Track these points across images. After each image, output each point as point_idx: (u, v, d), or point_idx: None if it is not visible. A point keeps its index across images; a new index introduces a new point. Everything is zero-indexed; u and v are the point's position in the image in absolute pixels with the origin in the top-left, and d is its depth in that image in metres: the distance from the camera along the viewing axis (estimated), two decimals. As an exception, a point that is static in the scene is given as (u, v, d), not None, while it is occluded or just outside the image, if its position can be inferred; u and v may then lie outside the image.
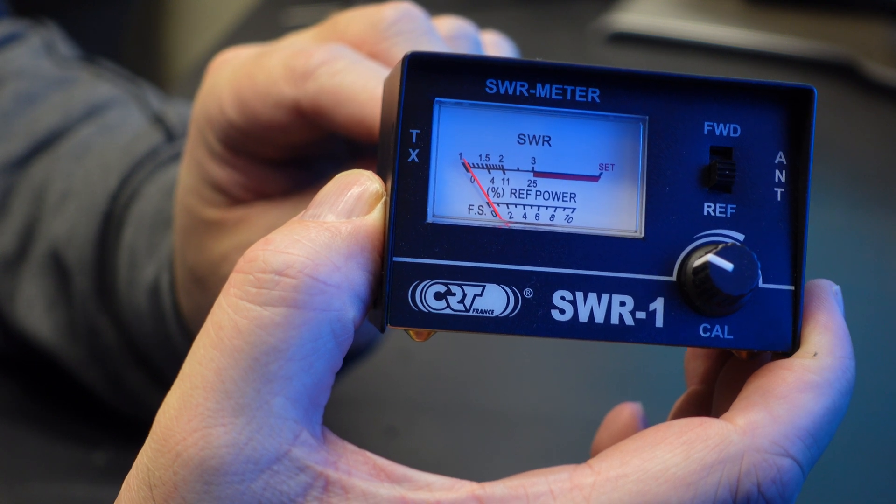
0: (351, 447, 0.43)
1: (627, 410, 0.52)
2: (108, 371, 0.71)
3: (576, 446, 0.75)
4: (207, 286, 0.63)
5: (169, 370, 0.69)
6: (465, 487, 0.42)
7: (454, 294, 0.45)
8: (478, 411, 0.73)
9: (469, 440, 0.75)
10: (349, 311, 0.43)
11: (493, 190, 0.46)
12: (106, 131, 0.74)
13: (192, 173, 0.62)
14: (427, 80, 0.46)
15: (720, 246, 0.45)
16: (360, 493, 0.42)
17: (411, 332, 0.45)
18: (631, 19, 1.23)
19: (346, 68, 0.55)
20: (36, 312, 0.72)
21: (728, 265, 0.45)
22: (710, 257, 0.45)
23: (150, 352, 0.69)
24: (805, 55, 1.16)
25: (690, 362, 0.50)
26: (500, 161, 0.46)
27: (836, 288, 0.46)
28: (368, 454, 0.43)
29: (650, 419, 0.51)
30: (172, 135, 0.72)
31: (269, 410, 0.41)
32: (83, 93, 0.77)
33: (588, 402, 0.79)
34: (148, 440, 0.42)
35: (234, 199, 0.61)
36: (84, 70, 0.80)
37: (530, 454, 0.74)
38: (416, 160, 0.46)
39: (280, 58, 0.57)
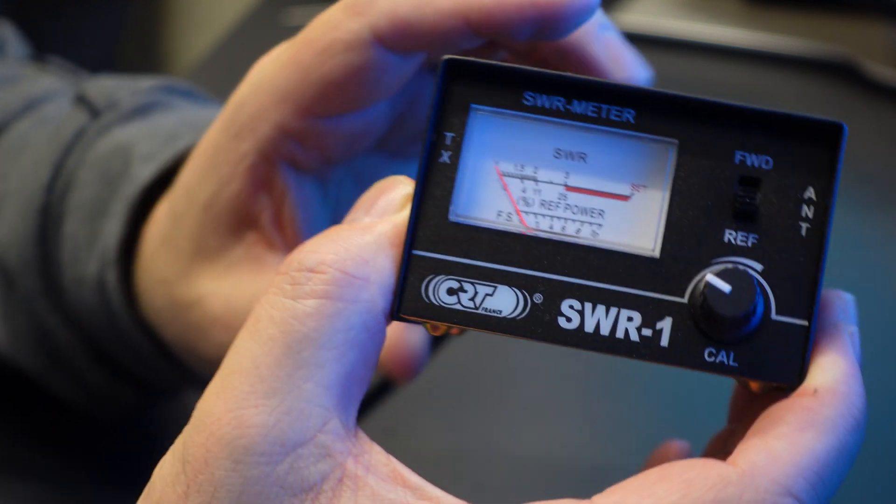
0: (378, 448, 0.44)
1: (675, 448, 0.52)
2: (70, 374, 0.69)
3: (577, 446, 0.75)
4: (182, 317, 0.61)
5: (131, 365, 0.67)
6: None
7: (466, 291, 0.46)
8: (478, 411, 0.73)
9: (469, 440, 0.75)
10: (379, 302, 0.45)
11: (524, 199, 0.47)
12: (40, 124, 0.71)
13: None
14: (465, 85, 0.47)
15: (721, 268, 0.45)
16: (369, 492, 0.42)
17: (428, 326, 0.47)
18: (631, 19, 1.23)
19: None
20: None
21: (726, 287, 0.45)
22: (709, 277, 0.45)
23: (108, 348, 0.67)
24: (805, 55, 1.16)
25: (736, 401, 0.50)
26: (534, 172, 0.47)
27: (853, 329, 0.46)
28: (393, 459, 0.44)
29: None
30: (96, 110, 0.69)
31: (299, 395, 0.43)
32: (24, 88, 0.74)
33: (590, 400, 0.79)
34: (187, 424, 0.44)
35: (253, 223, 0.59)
36: (29, 67, 0.77)
37: (531, 454, 0.74)
38: (448, 161, 0.47)
39: (336, 6, 0.55)
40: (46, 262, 0.67)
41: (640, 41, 1.26)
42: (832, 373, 0.45)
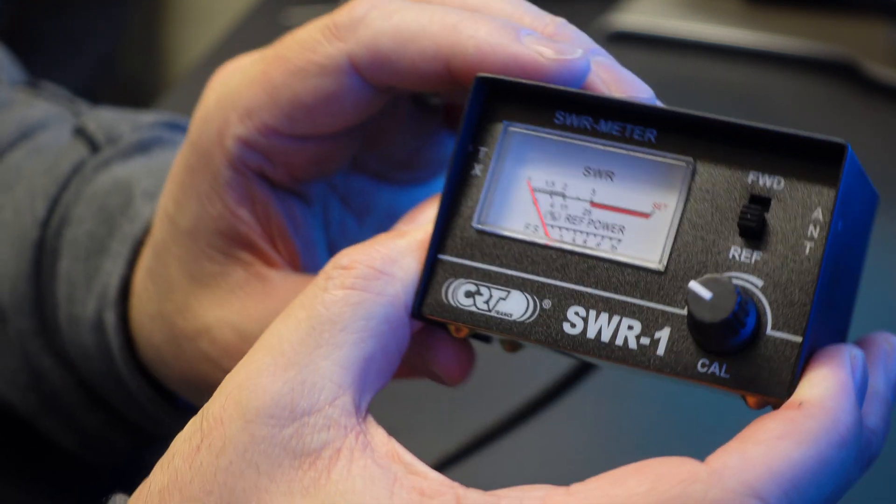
0: (382, 431, 0.46)
1: None
2: (63, 417, 0.67)
3: (575, 445, 0.75)
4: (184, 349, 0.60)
5: (126, 410, 0.65)
6: (453, 489, 0.44)
7: (482, 294, 0.49)
8: (478, 411, 0.73)
9: (469, 440, 0.75)
10: (402, 298, 0.48)
11: (551, 213, 0.49)
12: (35, 154, 0.68)
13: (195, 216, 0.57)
14: (498, 102, 0.50)
15: (707, 277, 0.46)
16: (362, 464, 0.45)
17: (452, 328, 0.50)
18: (631, 19, 1.23)
19: (403, 8, 0.52)
20: None
21: (706, 293, 0.45)
22: (691, 284, 0.46)
23: (103, 391, 0.65)
24: (805, 55, 1.16)
25: None
26: (564, 188, 0.49)
27: (857, 352, 0.46)
28: (394, 441, 0.46)
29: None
30: (96, 144, 0.67)
31: (314, 370, 0.46)
32: (17, 115, 0.71)
33: (591, 400, 0.79)
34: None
35: (249, 246, 0.58)
36: (22, 92, 0.75)
37: (530, 454, 0.74)
38: (479, 174, 0.50)
39: (313, 26, 0.53)
40: (40, 300, 0.65)
41: (641, 41, 1.26)
42: (821, 388, 0.45)
